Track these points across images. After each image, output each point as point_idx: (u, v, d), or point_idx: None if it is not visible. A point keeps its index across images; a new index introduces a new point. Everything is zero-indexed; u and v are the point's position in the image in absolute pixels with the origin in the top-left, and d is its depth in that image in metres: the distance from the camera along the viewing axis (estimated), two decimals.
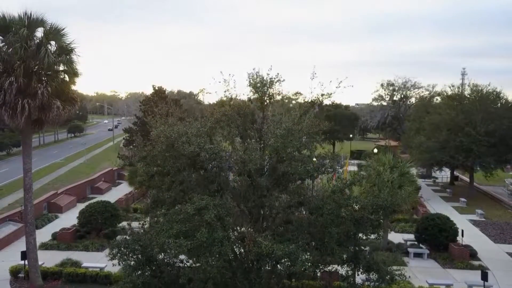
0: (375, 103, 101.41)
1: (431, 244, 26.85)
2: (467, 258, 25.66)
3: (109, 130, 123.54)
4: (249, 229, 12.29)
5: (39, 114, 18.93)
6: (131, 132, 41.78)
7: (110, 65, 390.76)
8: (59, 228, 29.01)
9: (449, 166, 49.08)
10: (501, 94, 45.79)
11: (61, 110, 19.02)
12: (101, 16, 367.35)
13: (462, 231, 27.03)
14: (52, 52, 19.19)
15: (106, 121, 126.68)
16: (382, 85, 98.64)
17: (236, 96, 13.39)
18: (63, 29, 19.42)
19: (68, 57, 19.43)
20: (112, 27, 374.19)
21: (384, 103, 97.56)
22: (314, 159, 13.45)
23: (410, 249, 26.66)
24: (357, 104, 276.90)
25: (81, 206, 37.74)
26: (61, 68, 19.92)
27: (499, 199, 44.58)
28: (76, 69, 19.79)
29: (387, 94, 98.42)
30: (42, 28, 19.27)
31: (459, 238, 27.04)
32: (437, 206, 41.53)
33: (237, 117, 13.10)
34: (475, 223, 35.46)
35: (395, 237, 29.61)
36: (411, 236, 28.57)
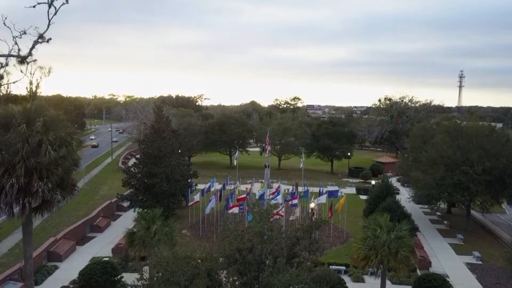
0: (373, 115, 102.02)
1: None
2: None
3: (119, 133, 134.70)
4: None
5: (39, 207, 19.11)
6: (130, 174, 41.90)
7: (109, 68, 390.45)
8: (59, 286, 29.25)
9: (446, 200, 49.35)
10: (496, 129, 46.24)
11: (62, 202, 19.20)
12: (101, 18, 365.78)
13: None
14: (52, 142, 19.28)
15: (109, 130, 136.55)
16: (379, 100, 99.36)
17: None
18: (62, 120, 19.58)
19: (68, 148, 19.54)
20: (112, 29, 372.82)
21: (383, 117, 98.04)
22: None
23: None
24: (355, 107, 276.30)
25: (81, 249, 38.09)
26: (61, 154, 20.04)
27: (495, 234, 44.87)
28: (76, 158, 19.94)
29: (384, 110, 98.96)
30: (42, 119, 19.40)
31: None
32: (434, 243, 41.90)
33: (237, 255, 13.34)
34: (471, 267, 35.82)
35: None
36: None
